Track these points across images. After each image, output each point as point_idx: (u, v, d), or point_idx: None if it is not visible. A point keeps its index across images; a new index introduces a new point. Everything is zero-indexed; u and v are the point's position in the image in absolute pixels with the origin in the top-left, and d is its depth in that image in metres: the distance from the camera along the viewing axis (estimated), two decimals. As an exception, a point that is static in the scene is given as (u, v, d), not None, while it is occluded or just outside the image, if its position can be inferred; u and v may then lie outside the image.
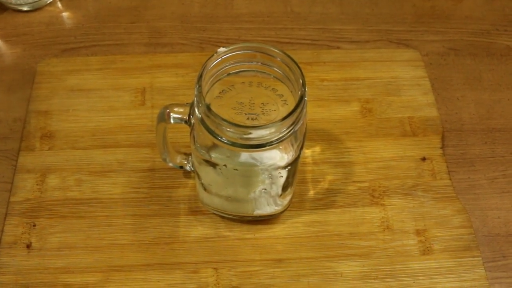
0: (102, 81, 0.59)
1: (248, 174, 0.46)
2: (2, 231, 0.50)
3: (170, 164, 0.51)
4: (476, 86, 0.61)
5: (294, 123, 0.41)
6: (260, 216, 0.50)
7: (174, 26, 0.65)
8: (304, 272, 0.48)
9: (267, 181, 0.46)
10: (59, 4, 0.67)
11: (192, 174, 0.53)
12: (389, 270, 0.49)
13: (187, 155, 0.51)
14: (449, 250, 0.50)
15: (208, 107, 0.41)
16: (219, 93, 0.45)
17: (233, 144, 0.41)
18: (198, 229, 0.50)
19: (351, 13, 0.67)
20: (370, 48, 0.63)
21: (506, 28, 0.66)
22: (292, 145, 0.44)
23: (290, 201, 0.51)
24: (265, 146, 0.41)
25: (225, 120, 0.40)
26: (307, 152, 0.55)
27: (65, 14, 0.67)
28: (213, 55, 0.43)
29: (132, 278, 0.48)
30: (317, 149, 0.55)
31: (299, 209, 0.52)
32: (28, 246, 0.49)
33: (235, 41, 0.64)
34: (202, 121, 0.42)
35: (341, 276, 0.48)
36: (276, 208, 0.50)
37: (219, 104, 0.45)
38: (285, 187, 0.47)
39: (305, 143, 0.46)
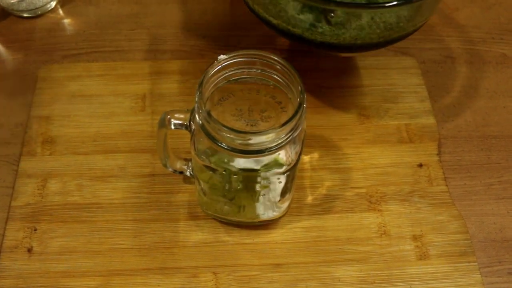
0: (103, 87, 0.60)
1: (247, 179, 0.46)
2: (3, 235, 0.50)
3: (170, 170, 0.52)
4: (472, 94, 0.62)
5: (293, 130, 0.42)
6: (259, 222, 0.51)
7: (174, 33, 0.66)
8: (302, 277, 0.49)
9: (266, 187, 0.47)
10: (61, 11, 0.68)
11: (192, 180, 0.53)
12: (386, 275, 0.49)
13: (187, 160, 0.52)
14: (445, 255, 0.50)
15: (209, 113, 0.41)
16: (219, 99, 0.46)
17: (233, 149, 0.42)
18: (197, 234, 0.51)
19: (349, 21, 0.68)
20: (367, 56, 0.64)
21: (502, 36, 0.67)
22: (291, 151, 0.45)
23: (289, 206, 0.52)
24: (264, 152, 0.42)
25: (225, 126, 0.41)
26: (305, 158, 0.55)
27: (66, 21, 0.67)
28: (213, 62, 0.44)
29: (132, 282, 0.48)
30: (316, 155, 0.56)
31: (297, 215, 0.52)
32: (29, 250, 0.50)
33: (235, 48, 0.64)
34: (202, 127, 0.42)
35: (339, 280, 0.49)
36: (275, 213, 0.50)
37: (219, 110, 0.46)
38: (283, 193, 0.48)
39: (304, 149, 0.46)
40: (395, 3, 0.46)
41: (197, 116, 0.43)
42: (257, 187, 0.46)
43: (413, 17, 0.50)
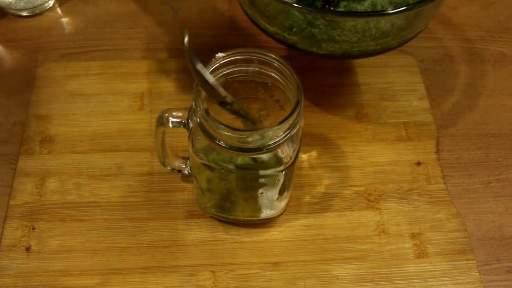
0: (101, 86, 0.60)
1: (245, 177, 0.46)
2: (2, 234, 0.50)
3: (168, 168, 0.51)
4: (471, 92, 0.62)
5: (291, 128, 0.42)
6: (257, 220, 0.51)
7: (172, 32, 0.66)
8: (300, 275, 0.49)
9: (264, 185, 0.46)
10: (59, 10, 0.68)
11: (190, 178, 0.53)
12: (385, 273, 0.49)
13: (185, 159, 0.52)
14: (443, 253, 0.50)
15: (207, 111, 0.41)
16: (217, 98, 0.46)
17: (231, 148, 0.42)
18: (196, 233, 0.51)
19: (348, 19, 0.68)
20: (366, 54, 0.64)
21: (500, 34, 0.67)
22: (289, 149, 0.45)
23: (287, 204, 0.52)
24: (262, 150, 0.42)
25: (223, 124, 0.41)
26: (303, 156, 0.55)
27: (64, 20, 0.67)
28: (211, 60, 0.44)
29: (131, 281, 0.48)
30: (314, 153, 0.56)
31: (295, 213, 0.52)
32: (28, 249, 0.50)
33: (233, 47, 0.64)
34: (200, 125, 0.42)
35: (337, 279, 0.49)
36: (273, 211, 0.50)
37: (216, 108, 0.46)
38: (281, 191, 0.48)
39: (302, 148, 0.46)
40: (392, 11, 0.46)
41: (195, 114, 0.43)
42: (255, 185, 0.46)
43: (408, 25, 0.50)
